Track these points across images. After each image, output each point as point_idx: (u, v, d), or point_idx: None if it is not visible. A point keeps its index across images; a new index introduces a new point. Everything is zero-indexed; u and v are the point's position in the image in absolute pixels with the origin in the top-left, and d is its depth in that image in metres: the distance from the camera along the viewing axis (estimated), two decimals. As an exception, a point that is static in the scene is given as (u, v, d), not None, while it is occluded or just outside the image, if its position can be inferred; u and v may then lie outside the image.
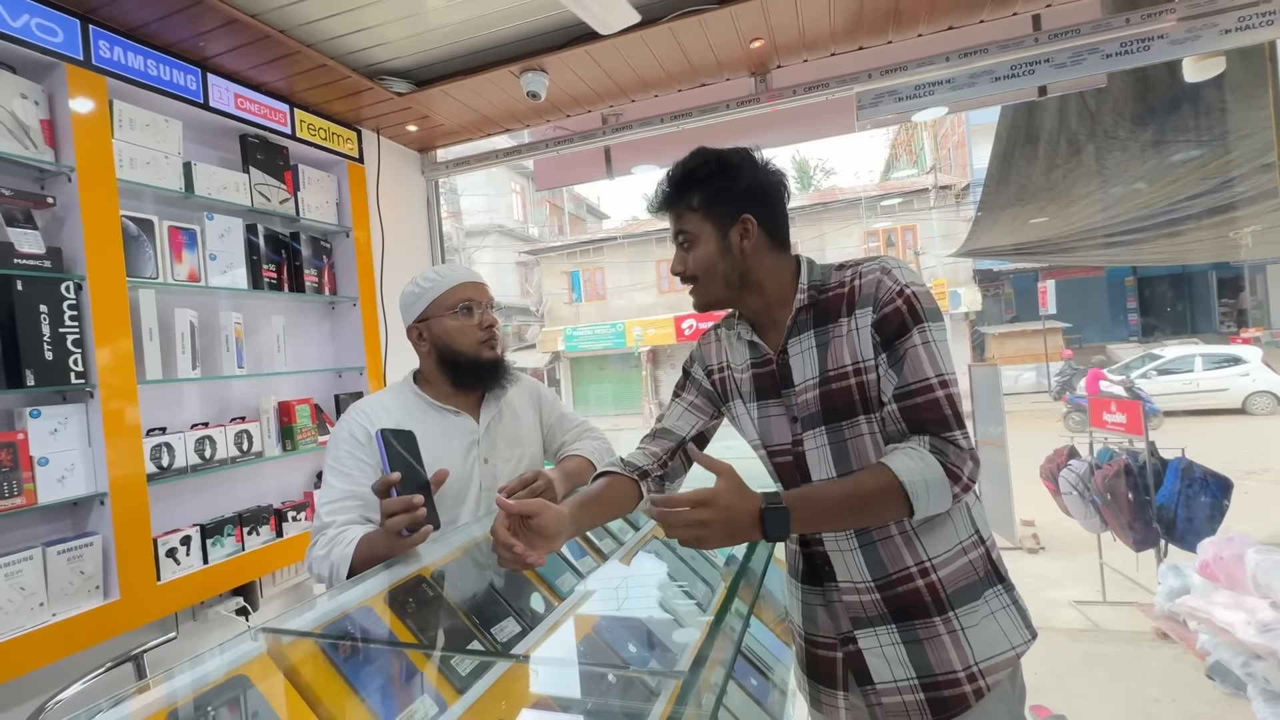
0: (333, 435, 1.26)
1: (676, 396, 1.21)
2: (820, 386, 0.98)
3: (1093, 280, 18.17)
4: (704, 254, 1.01)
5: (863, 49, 2.20)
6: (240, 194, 2.02)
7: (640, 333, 17.38)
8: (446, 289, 1.30)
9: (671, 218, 1.04)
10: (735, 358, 1.12)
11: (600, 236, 20.02)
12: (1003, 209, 4.72)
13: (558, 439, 1.51)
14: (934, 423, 0.90)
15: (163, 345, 1.77)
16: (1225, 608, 2.62)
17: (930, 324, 0.92)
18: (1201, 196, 4.36)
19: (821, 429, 0.98)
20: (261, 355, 2.14)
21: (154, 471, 1.71)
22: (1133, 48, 1.96)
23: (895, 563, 0.97)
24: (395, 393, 1.35)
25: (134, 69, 1.73)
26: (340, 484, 1.20)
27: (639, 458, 1.15)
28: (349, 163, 2.45)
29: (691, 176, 1.01)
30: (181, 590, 1.74)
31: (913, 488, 0.86)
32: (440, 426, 1.30)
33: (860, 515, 0.92)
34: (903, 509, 0.88)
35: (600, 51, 2.08)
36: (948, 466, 0.88)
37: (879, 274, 0.95)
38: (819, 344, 0.99)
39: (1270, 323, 16.36)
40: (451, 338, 1.29)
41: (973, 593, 0.97)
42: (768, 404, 1.06)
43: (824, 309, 1.00)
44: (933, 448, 0.89)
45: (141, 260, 1.74)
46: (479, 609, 1.01)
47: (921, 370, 0.90)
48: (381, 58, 2.16)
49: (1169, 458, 3.84)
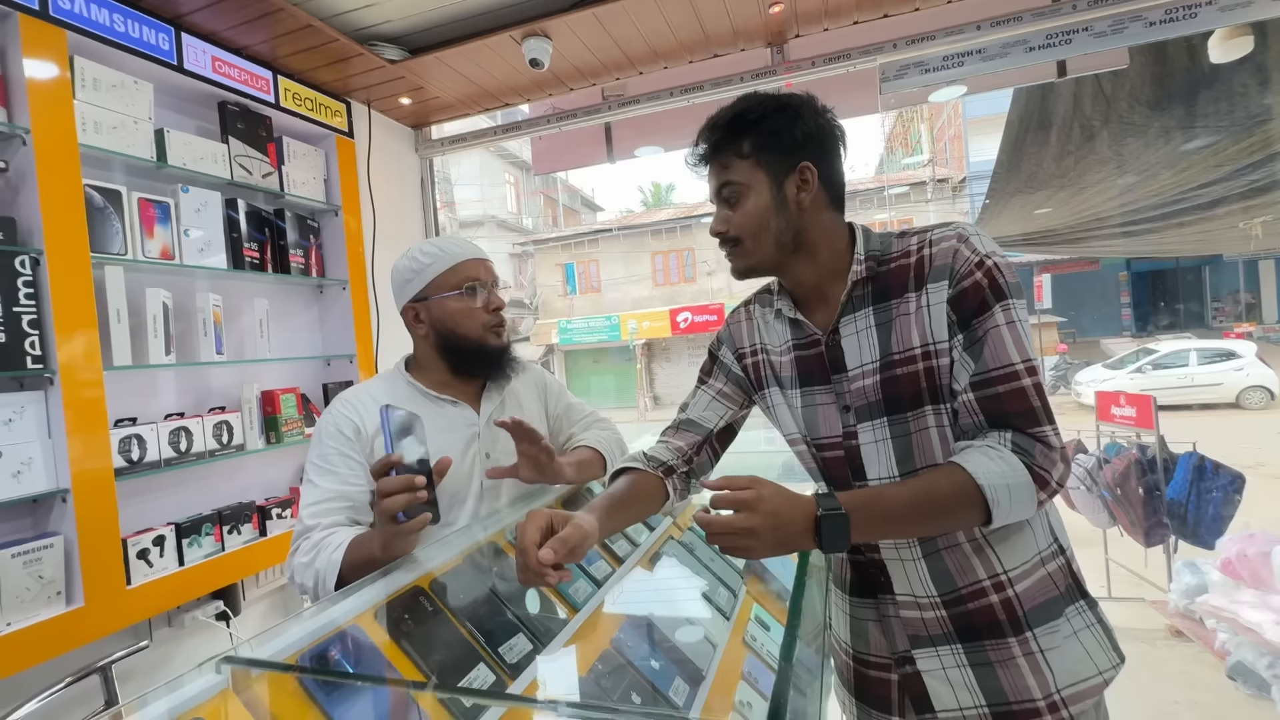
0: (317, 429, 1.12)
1: (702, 383, 1.08)
2: (882, 371, 0.85)
3: (1087, 275, 18.20)
4: (754, 207, 0.87)
5: (888, 16, 2.07)
6: (219, 166, 1.86)
7: (635, 326, 17.24)
8: (449, 265, 1.16)
9: (714, 169, 0.89)
10: (772, 338, 0.99)
11: (595, 229, 19.83)
12: (1011, 196, 4.61)
13: (565, 430, 1.39)
14: (1019, 415, 0.77)
15: (132, 328, 1.62)
16: (1251, 607, 2.53)
17: (1014, 301, 0.80)
18: (1215, 184, 4.27)
19: (882, 420, 0.86)
20: (244, 340, 1.99)
21: (123, 466, 1.56)
22: (1178, 15, 1.84)
23: (965, 575, 0.85)
24: (386, 381, 1.21)
25: (98, 23, 1.57)
26: (326, 483, 1.06)
27: (662, 452, 1.02)
28: (338, 137, 2.29)
29: (742, 119, 0.87)
30: (154, 595, 1.60)
31: (993, 492, 0.74)
32: (436, 418, 1.16)
33: (929, 523, 0.79)
34: (979, 516, 0.75)
35: (609, 15, 1.93)
36: (1034, 468, 0.75)
37: (955, 242, 0.82)
38: (879, 323, 0.86)
39: (1263, 318, 16.44)
40: (454, 321, 1.15)
41: (1053, 610, 0.84)
42: (813, 391, 0.93)
43: (885, 282, 0.86)
44: (1015, 446, 0.76)
45: (108, 234, 1.58)
46: (484, 624, 0.88)
47: (1005, 354, 0.77)
48: (372, 20, 2.01)
49: (1177, 452, 3.77)
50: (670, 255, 18.15)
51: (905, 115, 21.04)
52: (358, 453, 1.08)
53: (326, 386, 2.25)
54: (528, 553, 0.72)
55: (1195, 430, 4.57)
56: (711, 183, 0.91)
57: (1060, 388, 14.12)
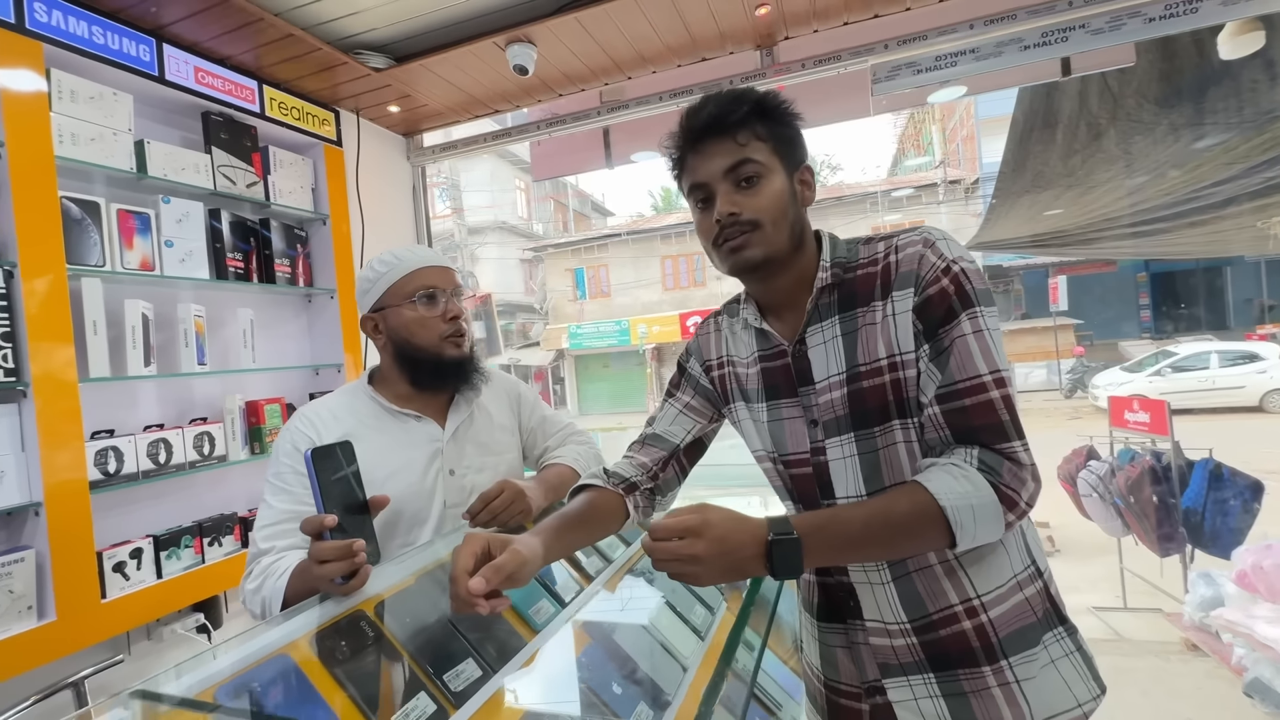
0: (274, 447, 1.09)
1: (670, 396, 1.04)
2: (848, 384, 0.81)
3: (1104, 276, 17.90)
4: (776, 190, 0.82)
5: (878, 16, 2.02)
6: (201, 176, 1.86)
7: (645, 330, 17.22)
8: (404, 274, 1.13)
9: (724, 145, 0.81)
10: (739, 349, 0.95)
11: (604, 233, 19.85)
12: (1018, 196, 4.52)
13: (539, 444, 1.35)
14: (986, 430, 0.73)
15: (111, 340, 1.62)
16: (1268, 622, 2.43)
17: (983, 309, 0.75)
18: (1228, 183, 4.15)
19: (850, 435, 0.82)
20: (227, 351, 1.99)
21: (99, 478, 1.56)
22: (1179, 10, 1.77)
23: (936, 600, 0.80)
24: (347, 396, 1.17)
25: (76, 36, 1.57)
26: (281, 503, 1.03)
27: (625, 468, 0.99)
28: (326, 145, 2.29)
29: (760, 102, 0.82)
30: (131, 608, 1.59)
31: (955, 514, 0.69)
32: (398, 434, 1.13)
33: (889, 546, 0.75)
34: (942, 539, 0.71)
35: (591, 20, 1.91)
36: (1000, 487, 0.71)
37: (921, 247, 0.78)
38: (845, 333, 0.82)
39: (1287, 319, 16.04)
40: (410, 330, 1.12)
41: (1029, 637, 0.80)
42: (779, 405, 0.89)
43: (851, 290, 0.83)
44: (982, 464, 0.72)
45: (85, 246, 1.58)
46: (431, 650, 0.84)
47: (971, 365, 0.74)
48: (356, 29, 2.00)
49: (1193, 459, 3.65)
50: (680, 259, 18.12)
51: (917, 117, 20.86)
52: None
53: (314, 396, 2.23)
54: (458, 581, 0.68)
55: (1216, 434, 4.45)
56: (714, 161, 0.82)
57: (1078, 391, 13.87)
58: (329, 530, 0.84)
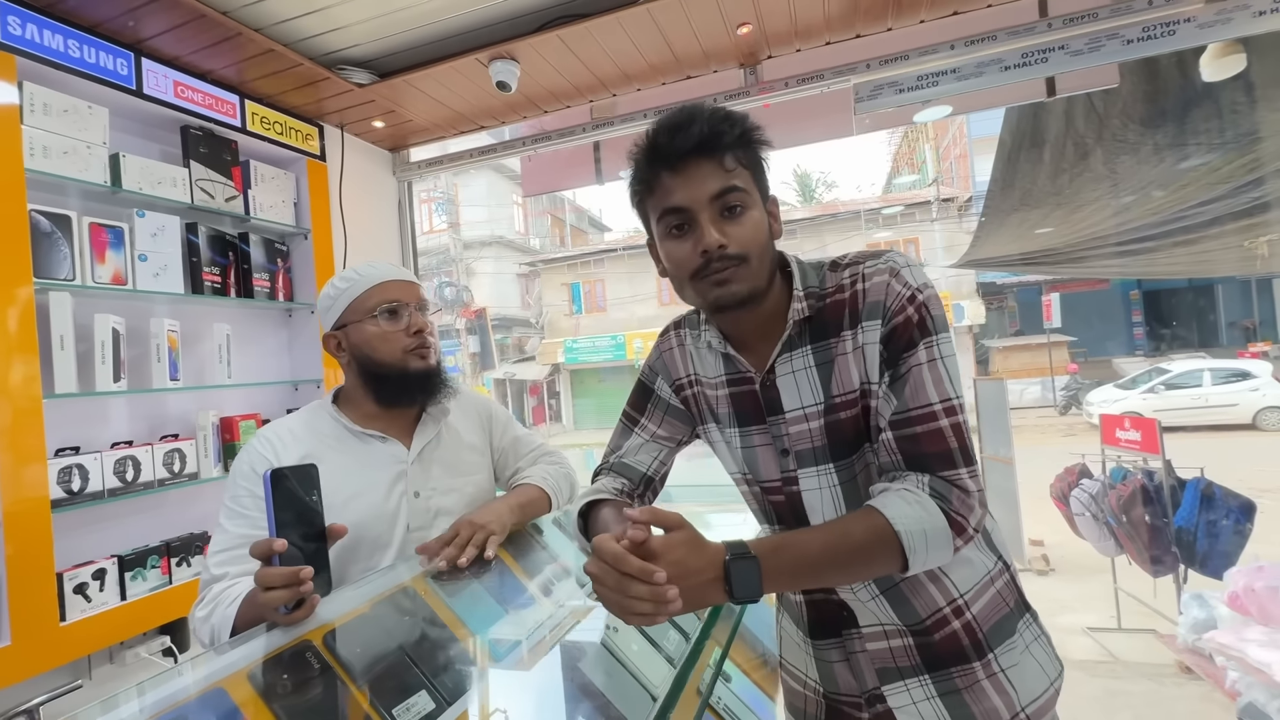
0: (231, 470, 1.06)
1: (633, 424, 1.01)
2: (826, 415, 0.80)
3: (1098, 294, 18.01)
4: (758, 222, 0.78)
5: (860, 37, 2.03)
6: (179, 190, 1.84)
7: (640, 345, 17.22)
8: (365, 289, 1.10)
9: (709, 168, 0.75)
10: (705, 369, 0.93)
11: (601, 248, 19.92)
12: (1008, 214, 4.55)
13: (511, 464, 1.32)
14: (935, 458, 0.73)
15: (79, 355, 1.59)
16: (1260, 645, 2.40)
17: (939, 337, 0.76)
18: (1214, 203, 4.18)
19: (828, 467, 0.82)
20: (203, 366, 1.96)
21: (61, 497, 1.52)
22: (1156, 32, 1.79)
23: (927, 606, 0.82)
24: (310, 415, 1.14)
25: (51, 49, 1.56)
26: (236, 528, 1.00)
27: (610, 486, 0.97)
28: (309, 160, 2.28)
29: (746, 126, 0.77)
30: (92, 631, 1.54)
31: (909, 539, 0.69)
32: (361, 455, 1.10)
33: (845, 570, 0.74)
34: (895, 563, 0.71)
35: (574, 37, 1.91)
36: (950, 514, 0.71)
37: (887, 276, 0.77)
38: (819, 363, 0.81)
39: (1278, 336, 16.12)
40: (371, 346, 1.09)
41: (1007, 627, 0.84)
42: (750, 431, 0.88)
43: (822, 319, 0.81)
44: (933, 490, 0.72)
45: (55, 260, 1.56)
46: (380, 683, 0.81)
47: (923, 394, 0.74)
48: (339, 45, 2.00)
49: (1186, 477, 3.63)
50: (675, 275, 18.15)
51: (910, 135, 21.09)
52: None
53: (292, 412, 2.20)
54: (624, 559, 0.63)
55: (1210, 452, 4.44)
56: (704, 185, 0.75)
57: (1072, 408, 13.89)
58: (278, 555, 0.81)
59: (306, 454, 1.06)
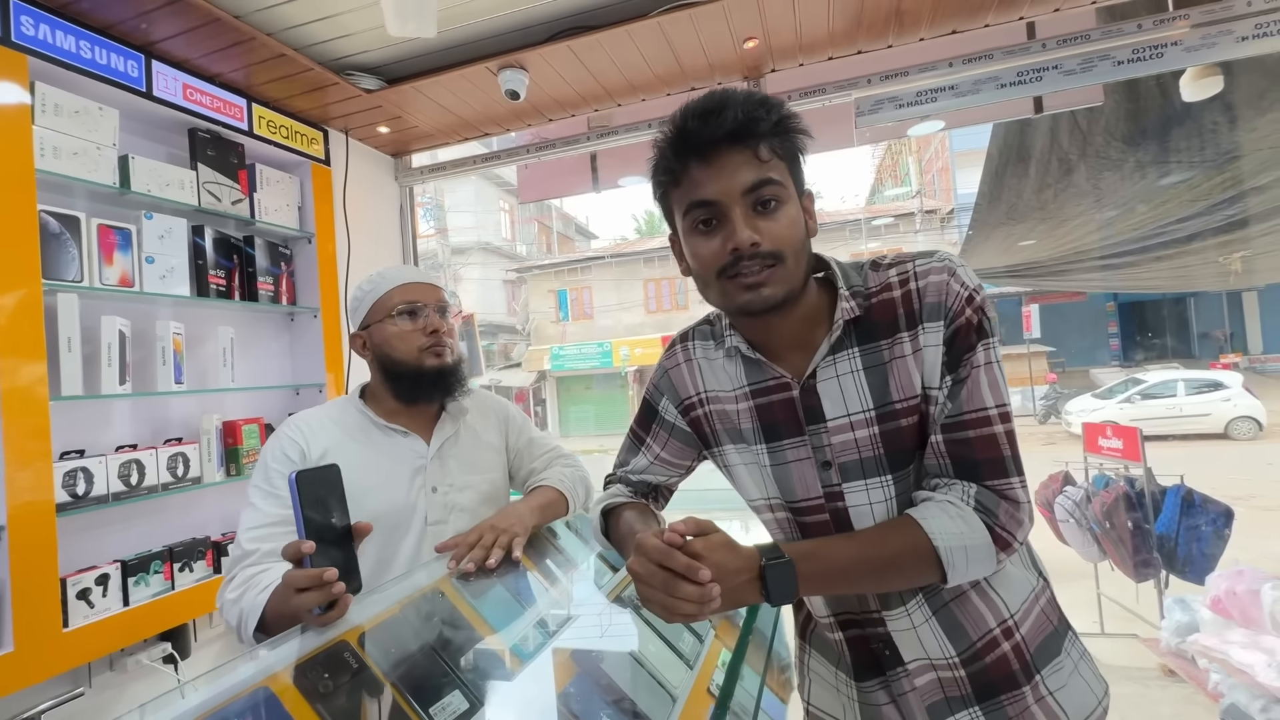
0: (262, 453, 1.09)
1: (639, 442, 0.98)
2: (881, 422, 0.75)
3: (1075, 305, 18.40)
4: (794, 218, 0.73)
5: (861, 53, 2.09)
6: (186, 192, 1.84)
7: (627, 352, 17.23)
8: (387, 290, 1.15)
9: (748, 160, 0.70)
10: (719, 382, 0.86)
11: (588, 255, 19.95)
12: (994, 227, 4.66)
13: (526, 465, 1.34)
14: (988, 465, 0.71)
15: (85, 357, 1.57)
16: (1242, 647, 2.47)
17: (994, 340, 0.73)
18: (1192, 219, 4.32)
19: (885, 479, 0.76)
20: (206, 370, 1.94)
21: (66, 500, 1.50)
22: (1145, 55, 1.86)
23: (978, 627, 0.78)
24: (339, 408, 1.18)
25: (63, 50, 1.55)
26: (268, 506, 1.02)
27: (625, 491, 0.99)
28: (314, 164, 2.28)
29: (785, 116, 0.72)
30: (95, 637, 1.52)
31: (949, 555, 0.69)
32: (385, 448, 1.14)
33: (879, 578, 0.73)
34: (932, 574, 0.71)
35: (584, 48, 1.94)
36: (995, 529, 0.70)
37: (945, 275, 0.73)
38: (868, 366, 0.75)
39: (1248, 349, 16.61)
40: (391, 344, 1.13)
41: (1053, 646, 0.80)
42: (782, 445, 0.81)
43: (870, 320, 0.76)
44: (979, 504, 0.70)
45: (63, 261, 1.55)
46: (417, 682, 0.82)
47: (979, 397, 0.71)
48: (348, 51, 2.01)
49: (1165, 484, 3.73)
50: (663, 282, 18.24)
51: (894, 148, 21.46)
52: None
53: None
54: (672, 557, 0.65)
55: (1185, 461, 4.55)
56: (736, 176, 0.70)
57: (1051, 417, 14.14)
58: (307, 557, 0.81)
59: (333, 443, 1.09)
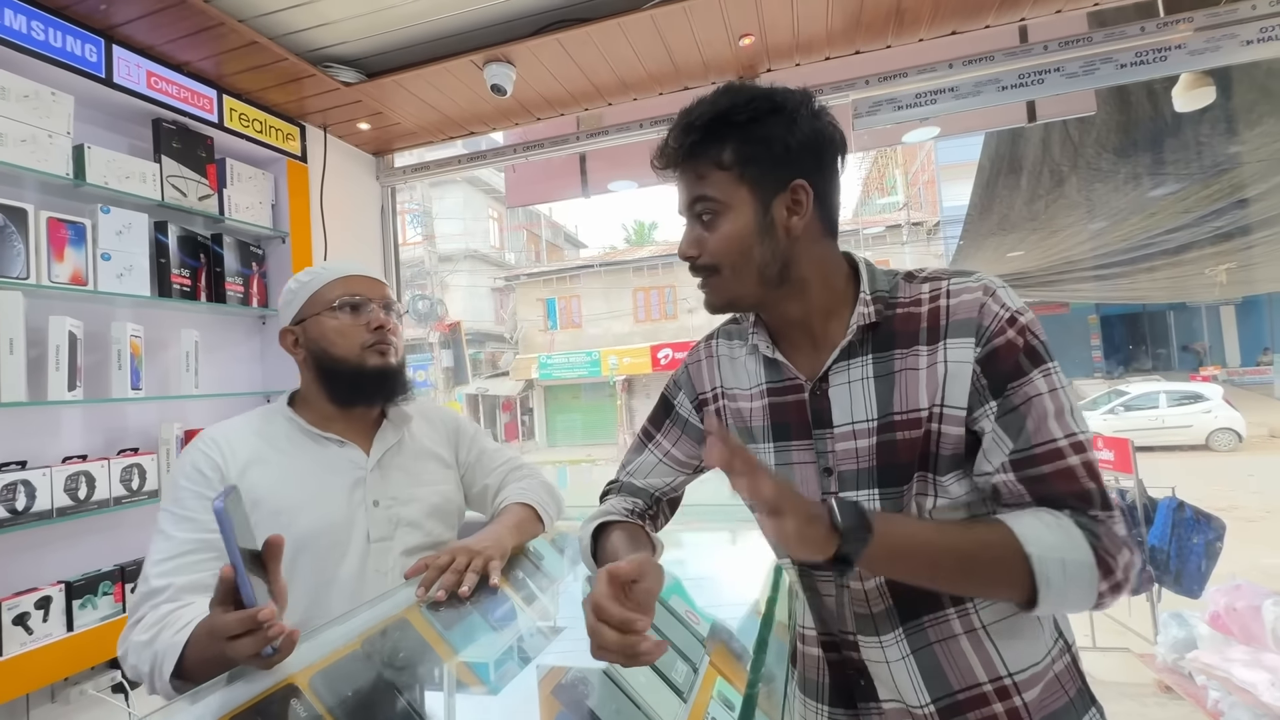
0: (171, 473, 0.97)
1: (649, 439, 0.94)
2: (879, 433, 0.71)
3: (1059, 317, 18.61)
4: (735, 230, 0.72)
5: (859, 53, 2.03)
6: (148, 186, 1.73)
7: (615, 361, 17.14)
8: (327, 281, 1.04)
9: (686, 178, 0.74)
10: (738, 379, 0.84)
11: (577, 264, 19.90)
12: (985, 237, 4.65)
13: (479, 480, 1.22)
14: (1073, 498, 0.63)
15: (30, 360, 1.45)
16: (1244, 665, 2.42)
17: (1054, 365, 0.67)
18: (1180, 230, 4.34)
19: (873, 492, 0.72)
20: (167, 375, 1.83)
21: (4, 517, 1.37)
22: (1149, 58, 1.82)
23: (962, 677, 0.70)
24: (261, 417, 1.05)
25: (13, 30, 1.45)
26: (182, 533, 0.88)
27: (620, 506, 0.90)
28: (289, 161, 2.17)
29: (725, 120, 0.71)
30: (33, 666, 1.39)
31: (1042, 565, 0.60)
32: (318, 459, 1.01)
33: (962, 573, 0.64)
34: (1019, 589, 0.61)
35: (573, 42, 1.86)
36: (1100, 551, 0.61)
37: (981, 294, 0.69)
38: (878, 374, 0.72)
39: (1226, 361, 16.88)
40: (329, 339, 1.01)
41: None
42: (789, 447, 0.78)
43: (889, 329, 0.73)
44: (1078, 523, 0.63)
45: (7, 256, 1.43)
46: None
47: (1046, 429, 0.65)
48: (326, 41, 1.92)
49: (1155, 496, 3.70)
50: (652, 292, 18.22)
51: (880, 160, 21.69)
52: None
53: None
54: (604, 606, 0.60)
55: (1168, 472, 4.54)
56: (682, 194, 0.75)
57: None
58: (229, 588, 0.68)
59: (255, 456, 0.97)
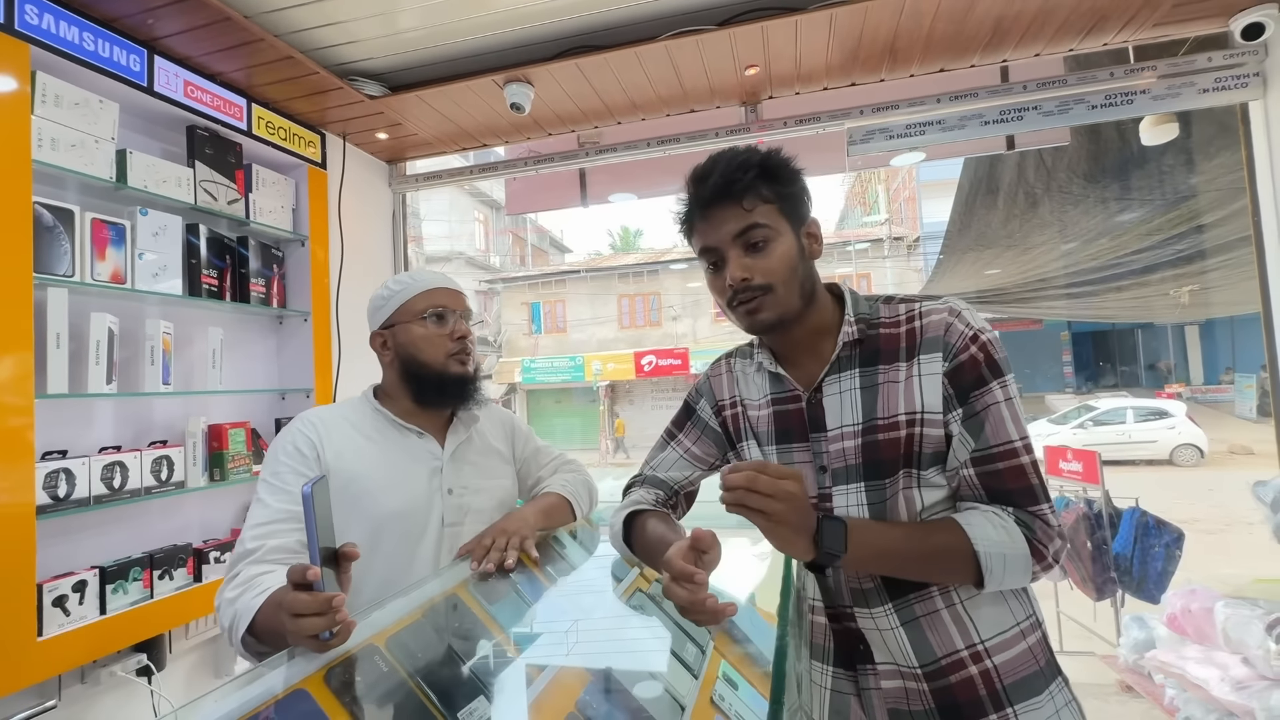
0: (273, 446, 1.07)
1: (671, 439, 1.08)
2: (864, 435, 0.85)
3: (1032, 333, 19.13)
4: (784, 252, 0.85)
5: (855, 85, 2.19)
6: (182, 189, 1.80)
7: (599, 367, 17.21)
8: (417, 293, 1.16)
9: (731, 211, 0.85)
10: (750, 391, 0.99)
11: (563, 269, 19.95)
12: (963, 253, 4.86)
13: (533, 474, 1.35)
14: (1020, 493, 0.79)
15: (72, 354, 1.52)
16: (1197, 663, 2.59)
17: (1009, 377, 0.82)
18: (1146, 252, 4.59)
19: (859, 485, 0.86)
20: (193, 371, 1.89)
21: (47, 503, 1.44)
22: (1116, 100, 2.00)
23: (945, 646, 0.83)
24: (352, 407, 1.17)
25: (66, 40, 1.52)
26: (277, 502, 0.99)
27: (648, 495, 1.03)
28: (310, 167, 2.26)
29: (764, 166, 0.86)
30: (69, 647, 1.45)
31: (987, 559, 0.76)
32: (401, 447, 1.14)
33: (921, 565, 0.80)
34: (969, 576, 0.77)
35: (591, 66, 1.99)
36: (1033, 542, 0.77)
37: (948, 316, 0.84)
38: (864, 386, 0.87)
39: (1190, 379, 17.50)
40: (417, 346, 1.14)
41: (1034, 686, 0.82)
42: (790, 449, 0.92)
43: (874, 347, 0.88)
44: (1018, 520, 0.78)
45: (55, 255, 1.50)
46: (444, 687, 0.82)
47: (1004, 432, 0.80)
48: (354, 56, 2.01)
49: (1121, 507, 3.90)
50: (637, 299, 18.34)
51: (863, 177, 22.14)
52: (315, 472, 1.03)
53: (279, 421, 2.14)
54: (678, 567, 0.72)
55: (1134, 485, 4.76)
56: (726, 226, 0.86)
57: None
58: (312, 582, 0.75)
59: (347, 441, 1.09)
